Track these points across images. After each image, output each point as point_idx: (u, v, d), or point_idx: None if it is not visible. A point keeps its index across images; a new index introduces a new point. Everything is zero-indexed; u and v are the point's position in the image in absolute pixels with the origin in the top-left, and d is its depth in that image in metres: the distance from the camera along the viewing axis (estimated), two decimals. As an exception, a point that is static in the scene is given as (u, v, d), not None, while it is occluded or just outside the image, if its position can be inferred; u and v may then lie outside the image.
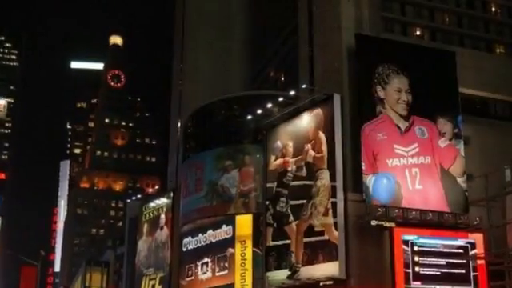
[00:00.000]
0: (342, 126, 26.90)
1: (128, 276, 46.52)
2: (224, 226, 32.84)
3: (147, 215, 43.49)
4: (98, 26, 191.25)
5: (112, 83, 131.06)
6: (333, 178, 26.42)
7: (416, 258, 25.49)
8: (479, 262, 26.05)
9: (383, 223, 25.43)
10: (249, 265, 31.18)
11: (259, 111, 30.94)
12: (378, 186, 26.03)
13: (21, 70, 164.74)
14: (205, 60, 45.62)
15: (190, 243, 35.62)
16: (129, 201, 54.27)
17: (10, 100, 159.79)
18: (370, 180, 25.98)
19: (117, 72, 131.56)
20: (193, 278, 34.87)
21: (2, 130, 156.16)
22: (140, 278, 42.58)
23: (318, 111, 27.99)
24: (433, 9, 33.57)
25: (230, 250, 32.06)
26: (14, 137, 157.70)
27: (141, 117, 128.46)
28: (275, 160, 30.21)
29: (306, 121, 28.77)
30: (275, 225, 29.32)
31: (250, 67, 46.18)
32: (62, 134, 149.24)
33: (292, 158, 29.11)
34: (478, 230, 26.57)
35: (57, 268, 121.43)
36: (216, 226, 33.38)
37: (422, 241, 25.78)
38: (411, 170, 26.53)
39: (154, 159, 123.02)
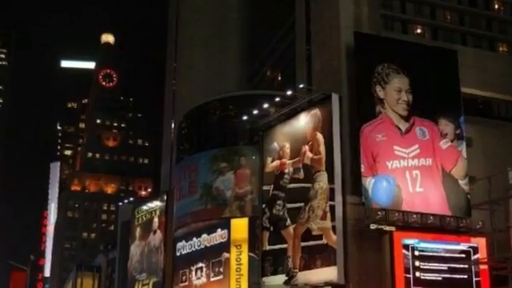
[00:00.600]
0: (341, 126, 26.30)
1: (120, 281, 46.06)
2: (219, 229, 32.36)
3: (140, 219, 43.02)
4: (89, 24, 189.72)
5: (104, 83, 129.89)
6: (331, 180, 25.84)
7: (417, 263, 24.98)
8: (482, 266, 25.61)
9: (383, 227, 24.94)
10: (244, 270, 30.77)
11: (255, 111, 30.29)
12: (378, 189, 25.47)
13: (10, 70, 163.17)
14: (199, 59, 45.25)
15: (183, 247, 35.13)
16: (121, 204, 53.90)
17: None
18: (369, 182, 25.40)
19: (108, 71, 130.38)
20: (187, 283, 34.41)
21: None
22: (132, 283, 42.22)
23: (316, 111, 27.42)
24: (434, 6, 33.07)
25: (225, 254, 31.62)
26: (2, 138, 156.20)
27: (133, 117, 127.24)
28: (272, 162, 29.63)
29: (303, 121, 28.19)
30: (272, 229, 28.74)
31: (245, 66, 45.82)
32: (52, 134, 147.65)
33: (289, 159, 28.53)
34: (481, 234, 26.09)
35: (47, 273, 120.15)
36: (211, 230, 32.91)
37: (422, 245, 25.26)
38: (412, 172, 25.99)
39: (146, 161, 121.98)
